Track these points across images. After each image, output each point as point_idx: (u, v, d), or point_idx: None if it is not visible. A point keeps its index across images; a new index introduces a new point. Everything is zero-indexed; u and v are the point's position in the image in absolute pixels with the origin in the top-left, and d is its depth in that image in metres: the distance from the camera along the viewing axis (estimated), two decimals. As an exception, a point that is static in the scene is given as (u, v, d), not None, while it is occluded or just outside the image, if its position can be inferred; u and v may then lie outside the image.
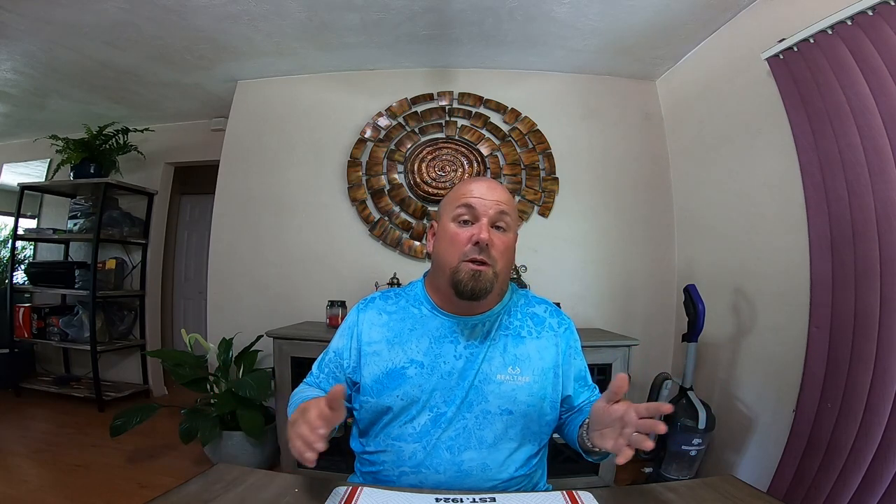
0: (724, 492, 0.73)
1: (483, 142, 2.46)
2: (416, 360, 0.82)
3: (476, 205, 0.80)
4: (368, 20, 2.04)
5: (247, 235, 2.57)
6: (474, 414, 0.80)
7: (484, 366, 0.82)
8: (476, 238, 0.78)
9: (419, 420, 0.80)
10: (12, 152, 3.76)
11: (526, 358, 0.84)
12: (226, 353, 2.25)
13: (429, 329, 0.85)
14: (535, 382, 0.82)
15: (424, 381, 0.81)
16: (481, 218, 0.79)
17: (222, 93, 2.76)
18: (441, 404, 0.80)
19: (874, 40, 1.31)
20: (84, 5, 1.87)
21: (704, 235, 2.24)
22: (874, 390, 1.28)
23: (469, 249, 0.78)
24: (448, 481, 0.78)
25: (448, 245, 0.81)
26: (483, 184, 0.83)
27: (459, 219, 0.81)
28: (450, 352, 0.83)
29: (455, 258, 0.79)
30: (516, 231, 0.86)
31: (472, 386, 0.81)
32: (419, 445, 0.79)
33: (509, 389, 0.81)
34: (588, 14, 1.95)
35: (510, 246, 0.83)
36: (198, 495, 0.68)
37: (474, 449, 0.79)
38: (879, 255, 1.30)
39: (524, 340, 0.86)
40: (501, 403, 0.80)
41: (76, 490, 1.87)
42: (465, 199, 0.81)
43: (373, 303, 0.91)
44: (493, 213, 0.80)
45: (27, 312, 3.19)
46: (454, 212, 0.82)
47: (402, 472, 0.79)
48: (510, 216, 0.82)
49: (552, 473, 0.95)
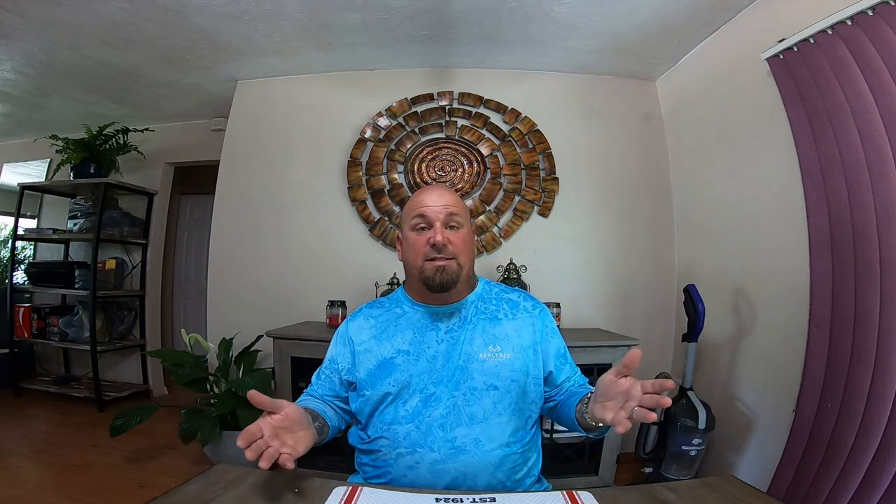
0: (724, 492, 0.73)
1: (483, 142, 2.46)
2: (403, 350, 0.91)
3: (427, 213, 0.91)
4: (368, 20, 2.04)
5: (247, 235, 2.57)
6: (462, 392, 0.87)
7: (465, 347, 0.90)
8: (432, 241, 0.88)
9: (411, 402, 0.87)
10: (12, 152, 3.76)
11: (504, 337, 0.92)
12: (226, 353, 2.25)
13: (411, 322, 0.94)
14: (516, 359, 0.90)
15: (412, 366, 0.89)
16: (434, 223, 0.90)
17: (222, 93, 2.76)
18: (430, 385, 0.87)
19: (874, 40, 1.31)
20: (84, 5, 1.87)
21: (704, 235, 2.24)
22: (874, 390, 1.28)
23: (428, 251, 0.89)
24: (443, 459, 0.82)
25: (411, 250, 0.92)
26: (433, 192, 0.94)
27: (416, 227, 0.92)
28: (432, 338, 0.92)
29: (419, 260, 0.90)
30: (470, 226, 0.97)
31: (458, 366, 0.88)
32: (412, 426, 0.85)
33: (492, 366, 0.89)
34: (588, 14, 1.95)
35: (466, 239, 0.93)
36: (198, 495, 0.68)
37: (465, 425, 0.85)
38: (879, 255, 1.30)
39: (501, 322, 0.94)
40: (486, 379, 0.88)
41: (76, 490, 1.87)
42: (417, 209, 0.92)
43: (359, 313, 1.01)
44: (444, 217, 0.90)
45: (27, 312, 3.19)
46: (411, 222, 0.93)
47: (398, 454, 0.84)
48: (460, 215, 0.93)
49: (552, 473, 0.95)
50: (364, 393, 0.90)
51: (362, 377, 0.90)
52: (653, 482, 1.06)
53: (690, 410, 1.76)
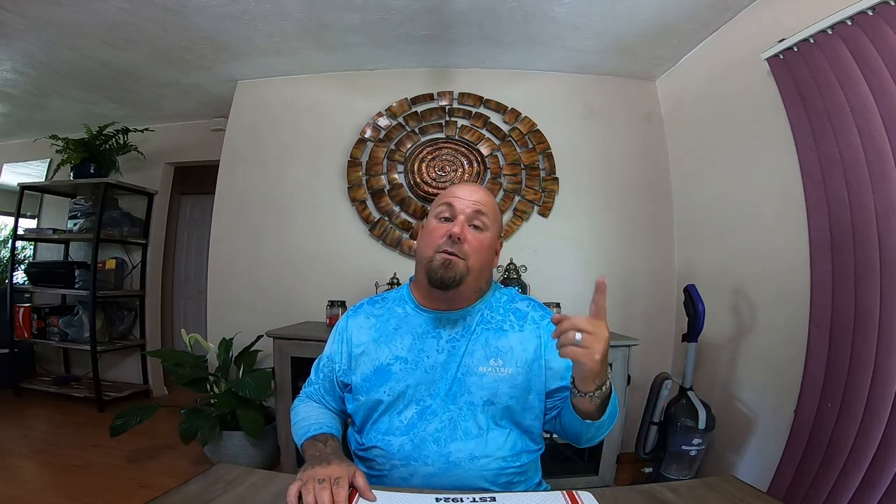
0: (724, 492, 0.73)
1: (483, 142, 2.46)
2: (401, 357, 0.86)
3: (455, 203, 0.86)
4: (368, 20, 2.04)
5: (247, 235, 2.57)
6: (458, 406, 0.83)
7: (466, 358, 0.85)
8: (450, 231, 0.83)
9: (406, 414, 0.83)
10: (12, 152, 3.76)
11: (508, 350, 0.86)
12: (226, 353, 2.25)
13: (412, 326, 0.89)
14: (517, 374, 0.84)
15: (408, 375, 0.84)
16: (458, 215, 0.85)
17: (222, 93, 2.76)
18: (426, 397, 0.83)
19: (874, 40, 1.31)
20: (84, 5, 1.87)
21: (704, 235, 2.24)
22: (874, 390, 1.28)
23: (443, 242, 0.83)
24: (438, 472, 0.80)
25: (426, 237, 0.87)
26: (467, 187, 0.90)
27: (440, 216, 0.87)
28: (432, 346, 0.86)
29: (431, 250, 0.84)
30: (497, 233, 0.90)
31: (455, 378, 0.83)
32: (406, 438, 0.81)
33: (491, 381, 0.83)
34: (588, 14, 1.95)
35: (485, 244, 0.86)
36: (198, 495, 0.68)
37: (460, 440, 0.81)
38: (879, 255, 1.30)
39: (506, 333, 0.88)
40: (484, 395, 0.83)
41: (76, 490, 1.87)
42: (446, 198, 0.88)
43: (360, 308, 0.97)
44: (470, 212, 0.85)
45: (27, 312, 3.19)
46: (437, 210, 0.88)
47: (392, 465, 0.82)
48: (488, 217, 0.87)
49: (552, 473, 0.94)
50: (359, 398, 0.87)
51: (357, 381, 0.87)
52: (653, 482, 1.06)
53: (690, 410, 1.76)
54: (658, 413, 1.85)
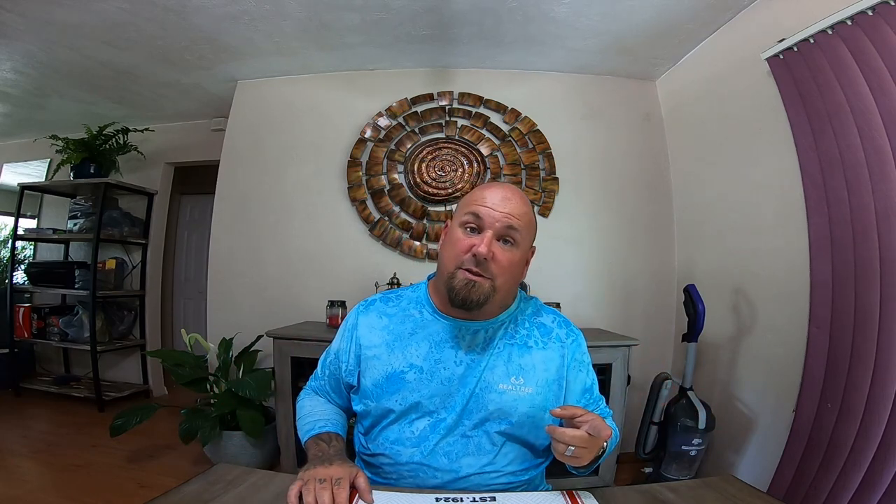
0: (724, 492, 0.73)
1: (483, 142, 2.46)
2: (416, 365, 0.81)
3: (484, 215, 0.76)
4: (368, 20, 2.04)
5: (247, 235, 2.57)
6: (473, 422, 0.79)
7: (486, 374, 0.80)
8: (475, 251, 0.74)
9: (418, 425, 0.80)
10: (12, 152, 3.76)
11: (531, 368, 0.82)
12: (226, 353, 2.25)
13: (429, 333, 0.83)
14: (537, 394, 0.80)
15: (423, 386, 0.80)
16: (486, 230, 0.75)
17: (222, 93, 2.76)
18: (441, 410, 0.79)
19: (874, 40, 1.31)
20: (84, 5, 1.87)
21: (704, 235, 2.24)
22: (874, 390, 1.28)
23: (467, 259, 0.75)
24: (446, 484, 0.78)
25: (450, 249, 0.79)
26: (499, 192, 0.78)
27: (466, 225, 0.78)
28: (450, 357, 0.81)
29: (453, 264, 0.77)
30: (529, 244, 0.81)
31: (473, 394, 0.79)
32: (417, 450, 0.79)
33: (511, 399, 0.79)
34: (588, 14, 1.95)
35: (515, 262, 0.78)
36: (198, 495, 0.68)
37: (472, 455, 0.79)
38: (879, 255, 1.30)
39: (530, 350, 0.83)
40: (502, 412, 0.79)
41: (76, 490, 1.87)
42: (475, 205, 0.77)
43: (373, 305, 0.90)
44: (500, 227, 0.75)
45: (27, 312, 3.19)
46: (463, 217, 0.78)
47: (399, 474, 0.80)
48: (521, 232, 0.77)
49: (552, 473, 0.94)
50: (367, 402, 0.83)
51: (367, 386, 0.82)
52: (653, 482, 1.06)
53: (690, 410, 1.76)
54: (658, 413, 1.85)
